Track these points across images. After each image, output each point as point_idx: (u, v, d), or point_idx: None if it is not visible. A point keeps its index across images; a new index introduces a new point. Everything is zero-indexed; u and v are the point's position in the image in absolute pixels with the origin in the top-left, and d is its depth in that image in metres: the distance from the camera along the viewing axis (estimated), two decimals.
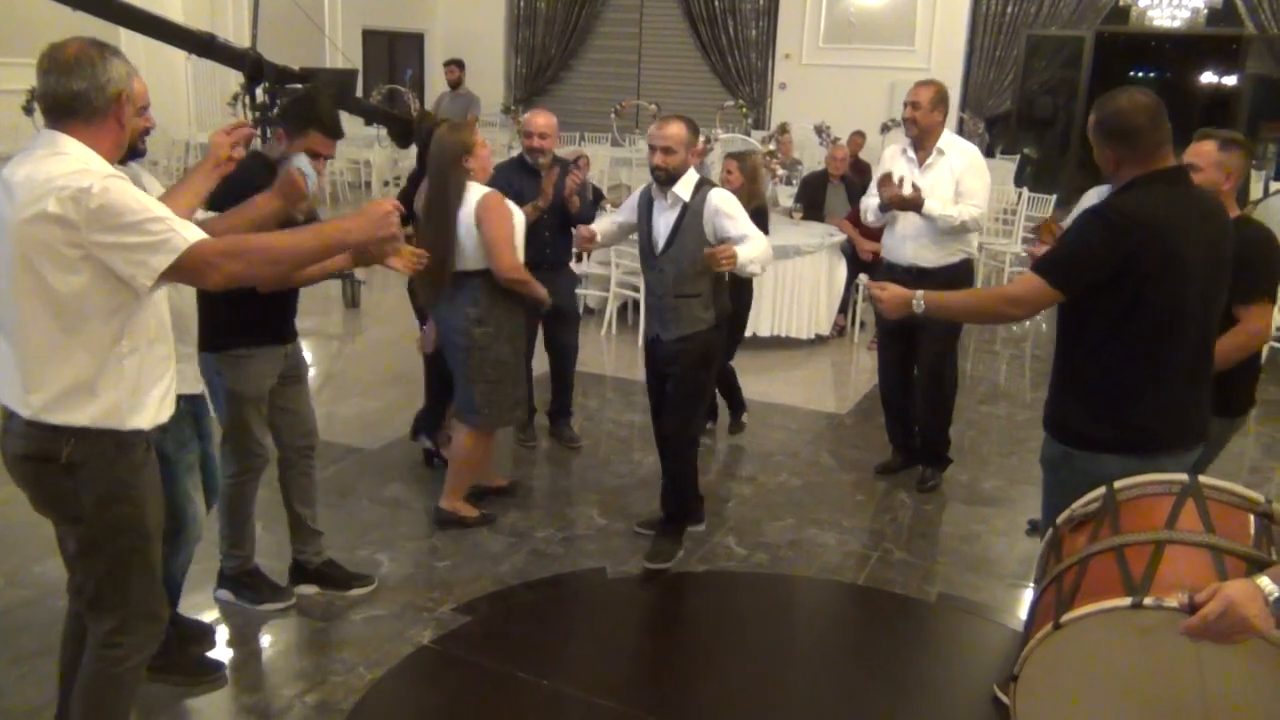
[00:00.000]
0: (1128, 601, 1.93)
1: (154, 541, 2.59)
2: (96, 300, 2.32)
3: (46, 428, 2.38)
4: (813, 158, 12.01)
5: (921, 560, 4.48)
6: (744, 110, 14.60)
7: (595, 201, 8.24)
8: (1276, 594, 1.81)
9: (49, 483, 2.45)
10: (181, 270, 2.31)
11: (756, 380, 6.42)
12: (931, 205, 4.74)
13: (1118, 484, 2.33)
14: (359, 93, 13.50)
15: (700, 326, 4.12)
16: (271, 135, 6.73)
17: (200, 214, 3.07)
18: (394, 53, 16.64)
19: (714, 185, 4.08)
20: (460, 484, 4.54)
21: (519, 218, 4.27)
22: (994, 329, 8.95)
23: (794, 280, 7.29)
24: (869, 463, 5.44)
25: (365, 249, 3.11)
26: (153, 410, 2.51)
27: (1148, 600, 1.91)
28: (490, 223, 4.11)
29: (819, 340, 7.59)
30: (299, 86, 7.76)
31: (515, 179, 4.96)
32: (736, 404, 5.86)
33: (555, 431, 5.56)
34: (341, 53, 10.47)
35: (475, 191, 4.15)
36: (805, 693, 3.51)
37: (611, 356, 7.43)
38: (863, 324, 7.93)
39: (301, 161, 3.22)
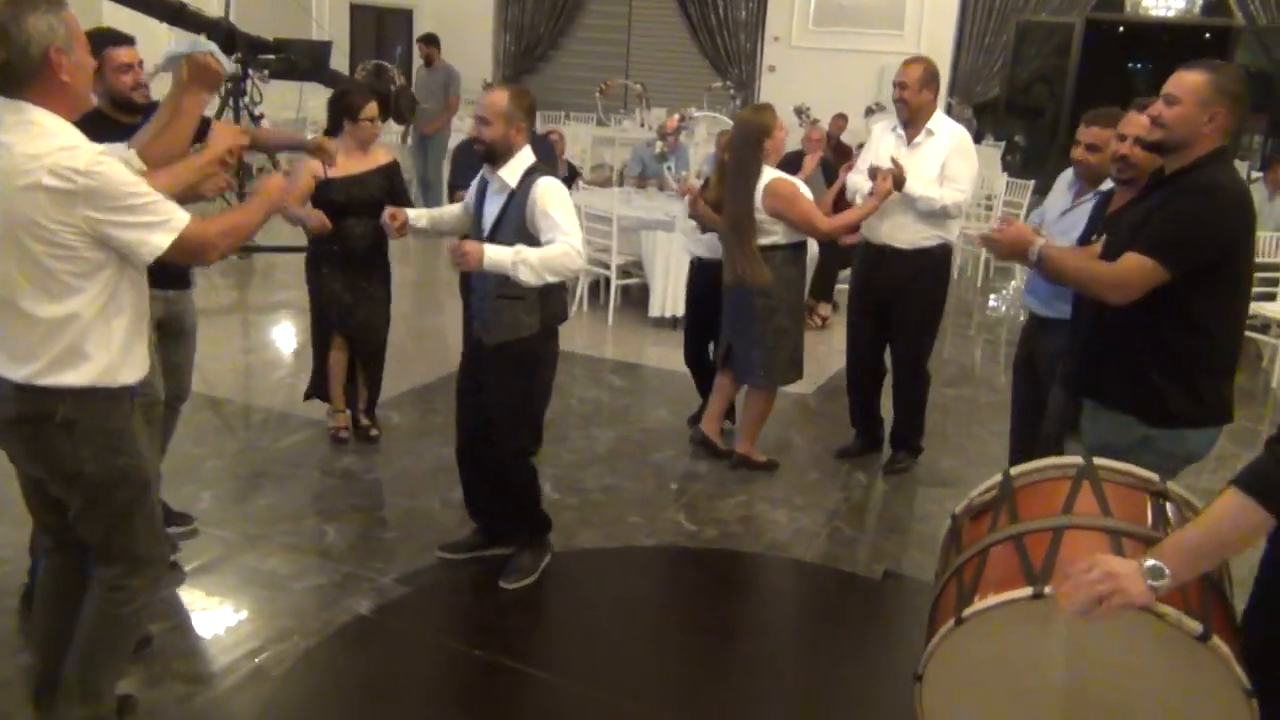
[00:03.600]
0: (1028, 592, 1.91)
1: (152, 489, 2.69)
2: (86, 270, 2.37)
3: (39, 390, 2.43)
4: (794, 140, 11.92)
5: (872, 538, 4.47)
6: (731, 92, 14.51)
7: (569, 180, 8.22)
8: (1152, 564, 1.79)
9: (46, 442, 2.49)
10: (183, 249, 2.42)
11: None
12: (913, 185, 4.66)
13: (1014, 471, 2.31)
14: (347, 70, 13.45)
15: (523, 333, 3.59)
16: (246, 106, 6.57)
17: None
18: (382, 28, 16.51)
19: (547, 172, 3.54)
20: (754, 433, 5.03)
21: (805, 188, 4.69)
22: (970, 313, 8.94)
23: None
24: (830, 443, 5.42)
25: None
26: (139, 364, 2.59)
27: (1048, 589, 1.89)
28: (789, 204, 4.58)
29: None
30: (272, 57, 7.72)
31: (466, 158, 4.90)
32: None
33: None
34: (315, 23, 10.36)
35: (765, 175, 4.60)
36: (745, 667, 3.49)
37: (582, 334, 7.39)
38: (835, 305, 7.89)
39: (208, 45, 3.08)
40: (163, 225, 2.37)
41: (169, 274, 3.71)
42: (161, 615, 3.56)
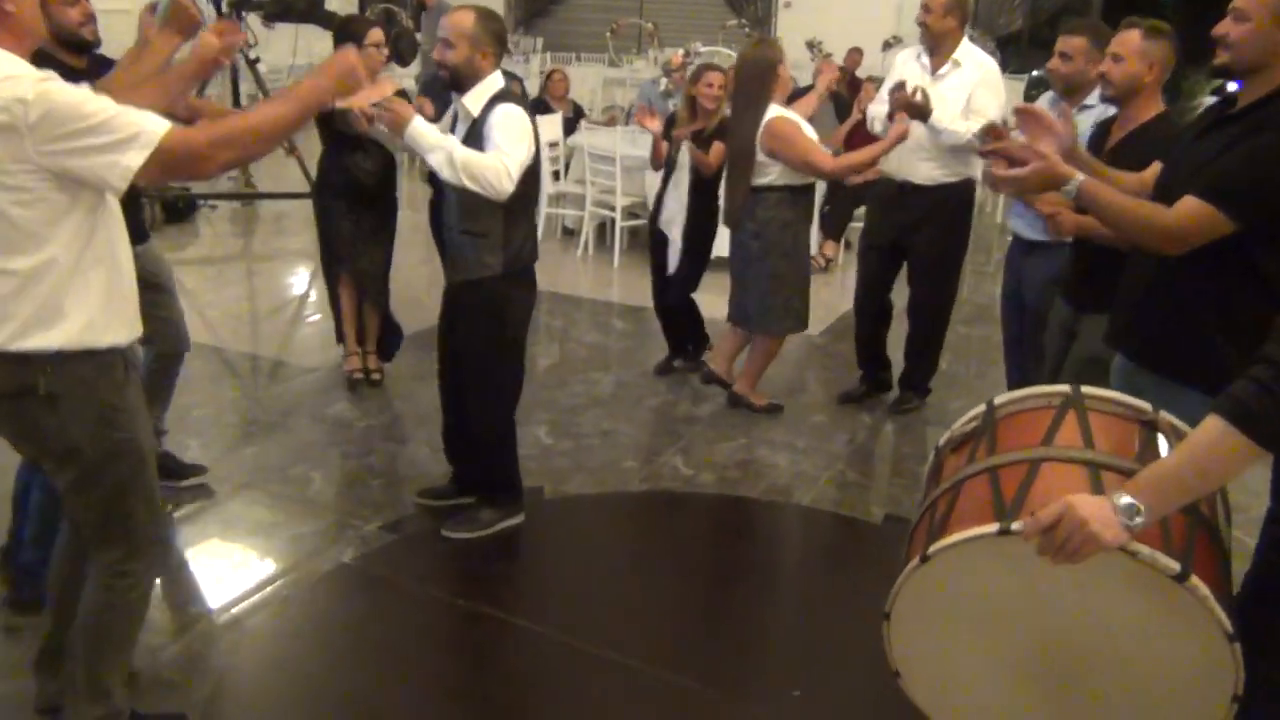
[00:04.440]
0: (994, 528, 1.76)
1: (149, 464, 2.43)
2: (52, 215, 2.11)
3: (15, 358, 2.18)
4: (809, 77, 11.62)
5: (874, 482, 4.33)
6: (746, 30, 14.14)
7: (574, 121, 8.02)
8: (1126, 502, 1.64)
9: (30, 419, 2.25)
10: (166, 164, 2.11)
11: (723, 301, 6.22)
12: (939, 117, 4.42)
13: (998, 400, 2.15)
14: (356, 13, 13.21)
15: (485, 273, 3.41)
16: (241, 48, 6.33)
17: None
18: None
19: (510, 100, 3.31)
20: (755, 377, 4.91)
21: (808, 126, 4.52)
22: (989, 249, 8.70)
23: None
24: (838, 386, 5.26)
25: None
26: (127, 324, 2.34)
27: (1015, 525, 1.74)
28: (787, 143, 4.38)
29: None
30: (267, 0, 7.54)
31: (444, 96, 4.70)
32: (698, 338, 5.51)
33: None
34: None
35: (770, 112, 4.42)
36: (736, 615, 3.37)
37: (588, 278, 7.26)
38: (848, 244, 7.69)
39: None
40: (133, 140, 2.04)
41: (129, 227, 3.58)
42: None
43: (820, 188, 7.29)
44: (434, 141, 3.21)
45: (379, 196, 4.76)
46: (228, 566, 3.54)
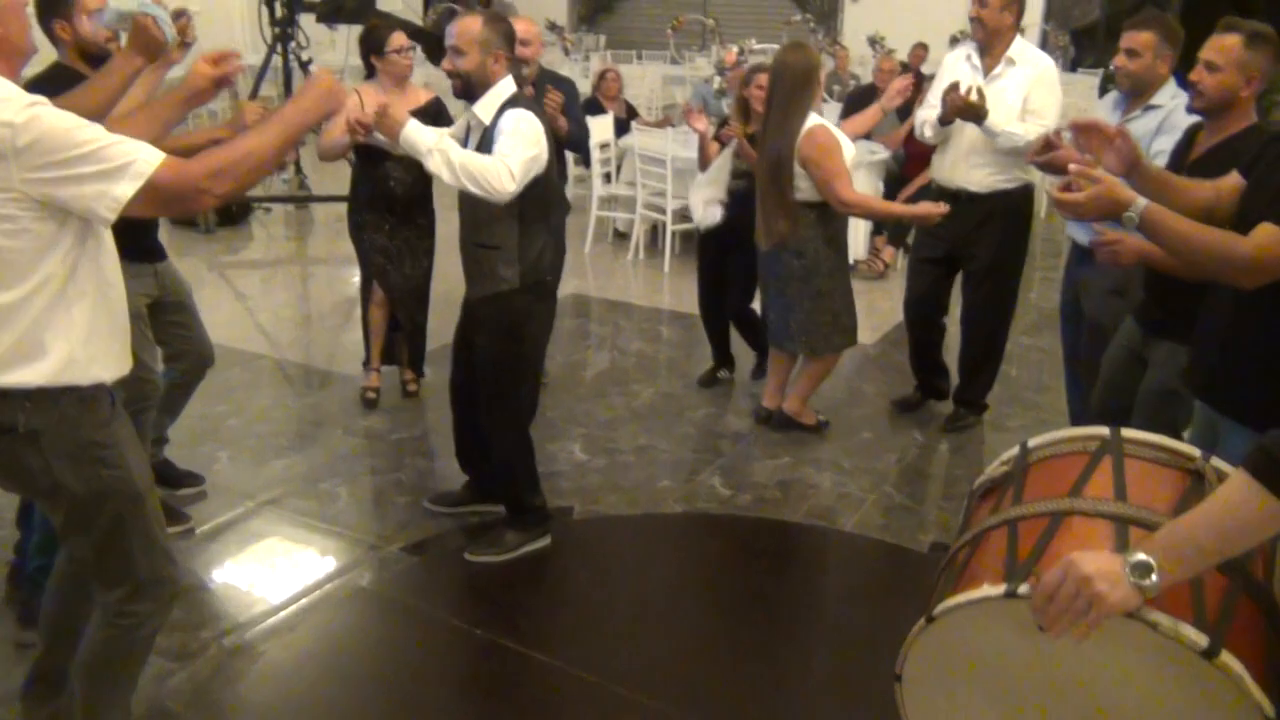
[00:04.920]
0: (1001, 590, 1.55)
1: (146, 500, 2.32)
2: (37, 246, 2.01)
3: None
4: (870, 74, 11.32)
5: (923, 506, 4.10)
6: (811, 25, 13.86)
7: (626, 122, 7.85)
8: (1138, 559, 1.41)
9: (13, 458, 2.16)
10: (159, 197, 2.00)
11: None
12: (995, 119, 4.16)
13: (1032, 442, 1.93)
14: (420, 15, 13.20)
15: (501, 287, 3.29)
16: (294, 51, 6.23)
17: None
18: None
19: (521, 105, 3.20)
20: (807, 393, 4.64)
21: (849, 146, 4.24)
22: (1058, 253, 8.34)
23: None
24: (888, 399, 5.03)
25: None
26: (114, 361, 2.24)
27: (1022, 588, 1.53)
28: (820, 158, 4.11)
29: (854, 266, 7.09)
30: (319, 3, 7.50)
31: None
32: (759, 346, 5.28)
33: None
34: None
35: (809, 119, 4.16)
36: (768, 650, 3.18)
37: (639, 282, 7.09)
38: (907, 248, 7.40)
39: (148, 6, 2.74)
40: (124, 170, 1.94)
41: (147, 246, 3.51)
42: None
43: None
44: (429, 144, 3.10)
45: (414, 207, 4.58)
46: (242, 588, 3.44)
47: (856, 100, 7.90)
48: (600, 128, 7.50)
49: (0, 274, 2.01)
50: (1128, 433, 1.81)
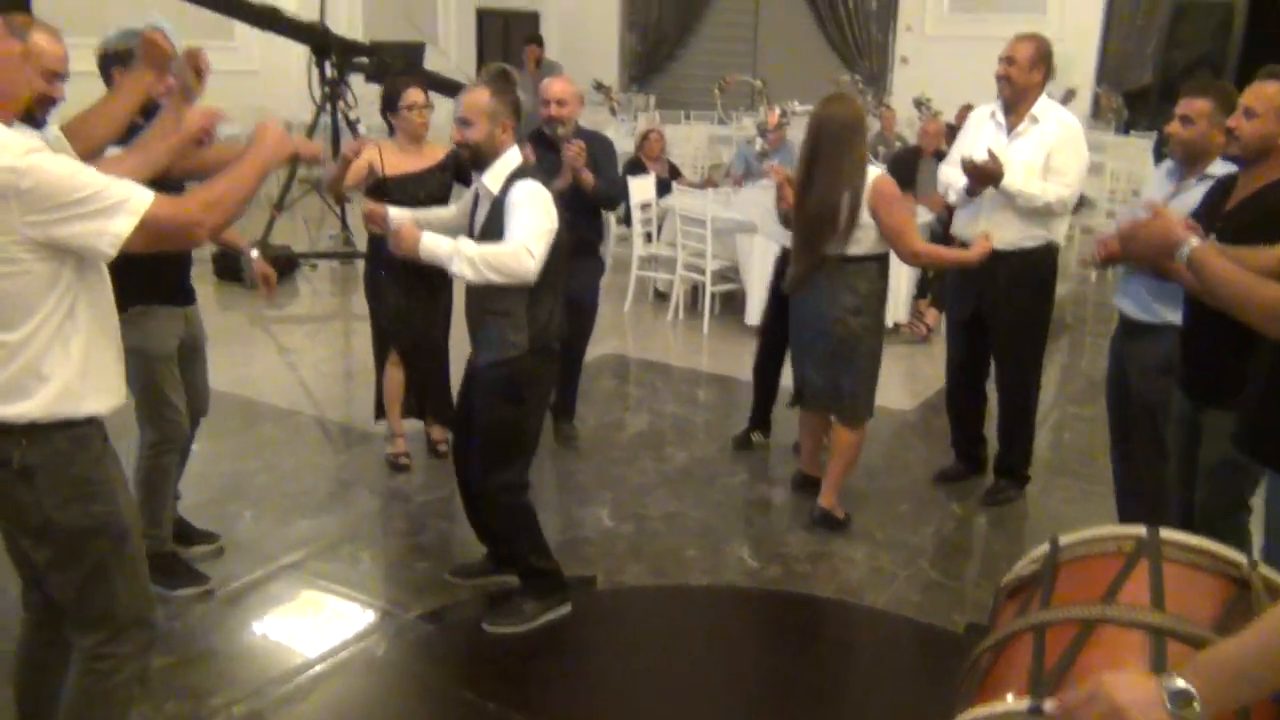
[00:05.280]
0: (1025, 705, 1.44)
1: (131, 539, 2.35)
2: (38, 287, 2.09)
3: None
4: (912, 134, 11.26)
5: (959, 584, 3.95)
6: (860, 86, 13.86)
7: (668, 182, 7.85)
8: (1178, 687, 1.29)
9: (4, 493, 2.20)
10: (156, 231, 2.11)
11: None
12: (1012, 179, 4.10)
13: (1064, 539, 1.81)
14: (473, 74, 13.42)
15: (510, 353, 3.28)
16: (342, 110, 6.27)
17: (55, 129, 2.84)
18: (509, 33, 16.46)
19: (528, 177, 3.24)
20: (841, 481, 4.33)
21: (910, 201, 4.11)
22: (1109, 318, 8.15)
23: None
24: (926, 468, 4.89)
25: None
26: (108, 392, 2.28)
27: (1047, 705, 1.41)
28: (892, 207, 3.96)
29: (894, 329, 6.98)
30: (365, 60, 7.63)
31: (554, 151, 4.54)
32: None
33: (556, 429, 5.11)
34: (413, 24, 10.22)
35: (869, 172, 3.98)
36: None
37: (677, 343, 7.02)
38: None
39: (157, 20, 2.83)
40: (119, 208, 2.05)
41: (182, 289, 3.61)
42: (167, 648, 3.36)
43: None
44: (449, 250, 3.13)
45: (431, 267, 4.53)
46: (256, 654, 3.39)
47: (900, 162, 7.85)
48: (642, 188, 7.51)
49: (4, 314, 2.10)
50: (1167, 534, 1.69)
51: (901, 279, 6.88)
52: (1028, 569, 1.85)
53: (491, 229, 3.22)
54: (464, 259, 3.09)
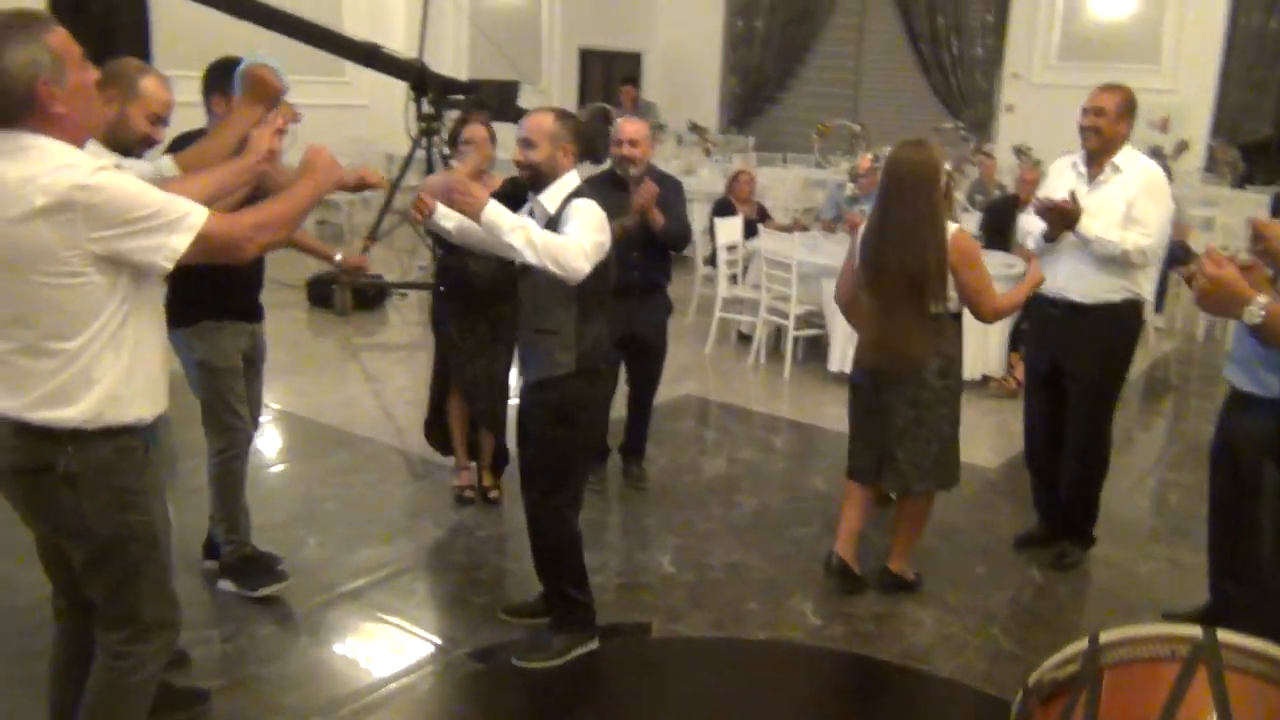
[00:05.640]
0: None
1: (162, 547, 2.47)
2: (94, 298, 2.18)
3: (39, 433, 2.23)
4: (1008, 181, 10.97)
5: (1031, 654, 3.73)
6: (963, 133, 13.62)
7: (757, 223, 7.77)
8: None
9: (47, 497, 2.31)
10: (209, 247, 2.23)
11: None
12: (1090, 224, 3.95)
13: (1104, 637, 1.65)
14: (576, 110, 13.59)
15: (557, 371, 3.29)
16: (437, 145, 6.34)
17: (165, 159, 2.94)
18: (611, 72, 16.65)
19: (585, 196, 3.28)
20: (911, 546, 4.11)
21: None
22: (1214, 376, 7.78)
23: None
24: (1008, 529, 4.68)
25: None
26: (151, 399, 2.38)
27: None
28: (970, 265, 3.73)
29: (985, 382, 6.76)
30: (462, 98, 7.75)
31: (599, 195, 4.52)
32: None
33: (625, 470, 5.05)
34: (511, 63, 10.33)
35: (947, 228, 3.73)
36: None
37: (758, 388, 6.90)
38: None
39: (263, 59, 2.91)
40: (178, 224, 2.17)
41: (249, 306, 3.70)
42: (218, 670, 3.38)
43: None
44: (513, 222, 3.10)
45: (496, 300, 4.39)
46: (298, 684, 3.35)
47: (996, 210, 7.65)
48: (729, 229, 7.44)
49: (64, 324, 2.19)
50: (1226, 636, 1.53)
51: (992, 329, 6.67)
52: (1063, 670, 1.70)
53: None
54: (525, 236, 3.06)
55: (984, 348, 6.72)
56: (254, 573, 3.78)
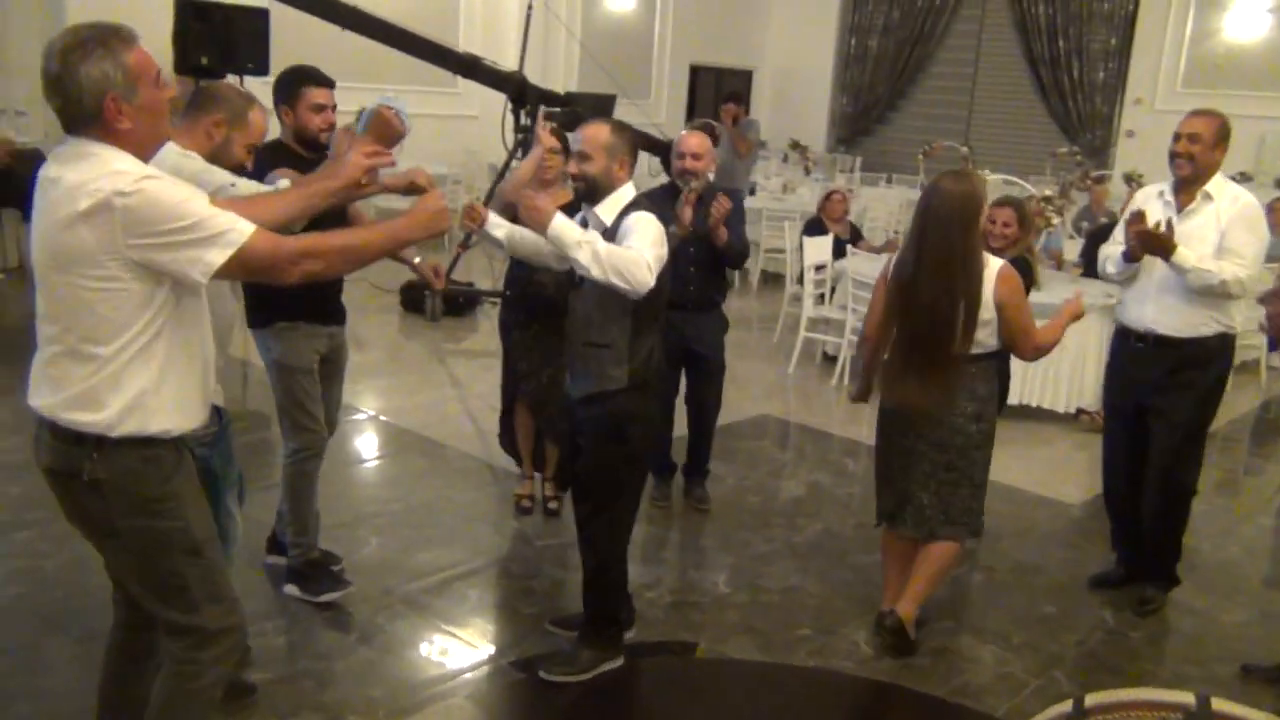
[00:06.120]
0: None
1: (207, 552, 2.41)
2: (132, 305, 2.19)
3: (69, 436, 2.25)
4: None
5: None
6: (1079, 158, 13.19)
7: (848, 243, 7.65)
8: None
9: (76, 500, 2.33)
10: (248, 265, 2.22)
11: (1022, 461, 5.58)
12: (1185, 253, 3.78)
13: (1090, 700, 1.54)
14: (680, 128, 13.60)
15: (609, 386, 3.25)
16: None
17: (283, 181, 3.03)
18: (720, 88, 16.64)
19: (642, 209, 3.23)
20: (927, 595, 3.79)
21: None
22: None
23: None
24: (1083, 570, 4.48)
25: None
26: (185, 412, 2.35)
27: None
28: (1020, 302, 3.53)
29: (1078, 415, 6.50)
30: (558, 110, 7.81)
31: (659, 207, 4.50)
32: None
33: (686, 490, 4.98)
34: (612, 78, 10.34)
35: (990, 263, 3.52)
36: None
37: (839, 410, 6.77)
38: None
39: (393, 99, 3.00)
40: (218, 239, 2.15)
41: (326, 308, 3.75)
42: (268, 661, 3.44)
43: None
44: (578, 237, 3.07)
45: (562, 311, 4.43)
46: (342, 682, 3.38)
47: (1099, 238, 7.35)
48: (817, 248, 7.34)
49: (98, 330, 2.19)
50: (1220, 704, 1.42)
51: (1089, 360, 6.43)
52: None
53: None
54: (591, 251, 3.03)
55: (1079, 380, 6.48)
56: (319, 578, 3.83)
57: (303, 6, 7.51)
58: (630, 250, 3.07)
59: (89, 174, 2.12)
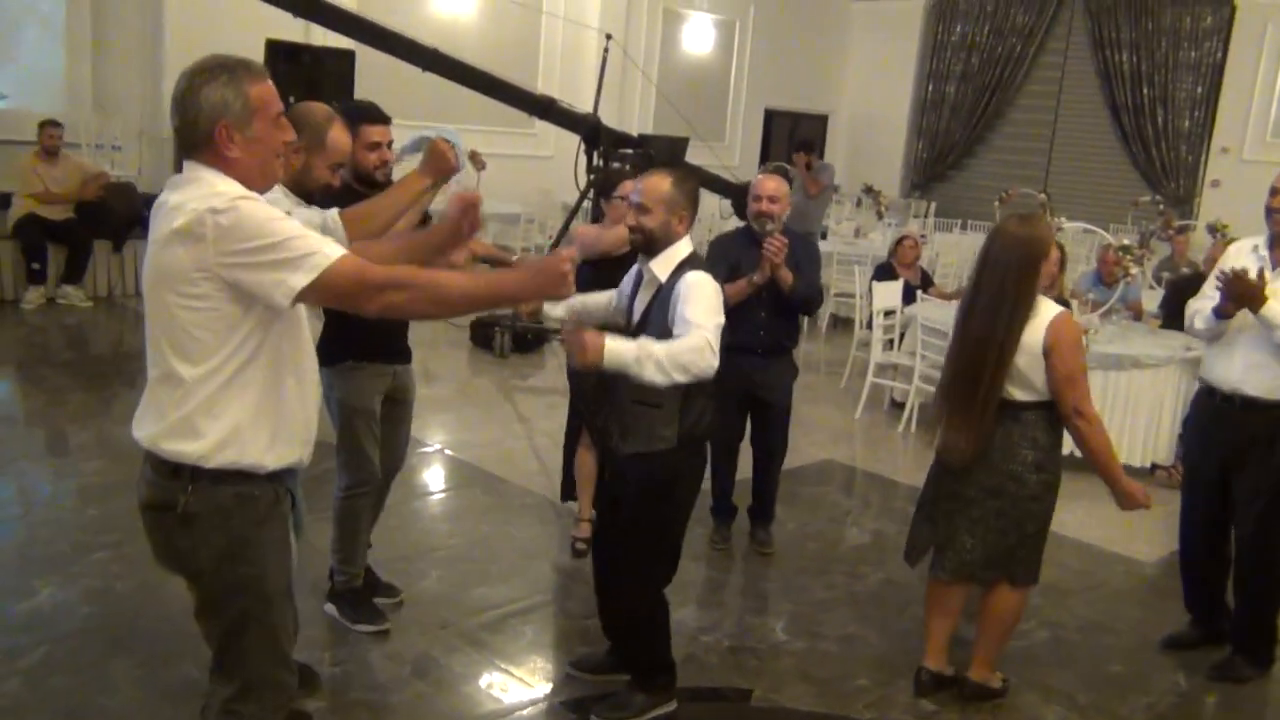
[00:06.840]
0: None
1: (275, 605, 2.38)
2: (224, 326, 2.18)
3: (167, 469, 2.25)
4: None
5: None
6: (1161, 208, 12.92)
7: (917, 289, 7.58)
8: None
9: (166, 535, 2.32)
10: (332, 290, 2.17)
11: (1058, 507, 5.39)
12: (1276, 307, 3.66)
13: None
14: (754, 172, 13.65)
15: (659, 445, 3.17)
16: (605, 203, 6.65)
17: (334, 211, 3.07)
18: (796, 132, 16.69)
19: (697, 266, 3.19)
20: (998, 651, 3.75)
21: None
22: None
23: (1128, 396, 6.16)
24: (1155, 629, 4.34)
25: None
26: (283, 447, 2.33)
27: None
28: (1067, 352, 3.42)
29: (1153, 470, 6.32)
30: (630, 152, 7.91)
31: (734, 250, 4.52)
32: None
33: (751, 533, 4.94)
34: (686, 121, 10.43)
35: (1046, 309, 3.45)
36: None
37: (906, 457, 6.68)
38: None
39: (446, 131, 3.04)
40: (302, 261, 2.10)
41: (392, 348, 3.79)
42: (327, 692, 3.48)
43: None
44: (634, 354, 2.96)
45: None
46: (388, 716, 3.40)
47: (1179, 288, 7.18)
48: (887, 293, 7.30)
49: (188, 349, 2.19)
50: None
51: (1164, 414, 6.26)
52: None
53: (654, 316, 3.18)
54: (652, 362, 2.94)
55: (1154, 435, 6.30)
56: (358, 606, 3.87)
57: (386, 49, 7.73)
58: (690, 336, 3.00)
59: (191, 194, 2.15)
